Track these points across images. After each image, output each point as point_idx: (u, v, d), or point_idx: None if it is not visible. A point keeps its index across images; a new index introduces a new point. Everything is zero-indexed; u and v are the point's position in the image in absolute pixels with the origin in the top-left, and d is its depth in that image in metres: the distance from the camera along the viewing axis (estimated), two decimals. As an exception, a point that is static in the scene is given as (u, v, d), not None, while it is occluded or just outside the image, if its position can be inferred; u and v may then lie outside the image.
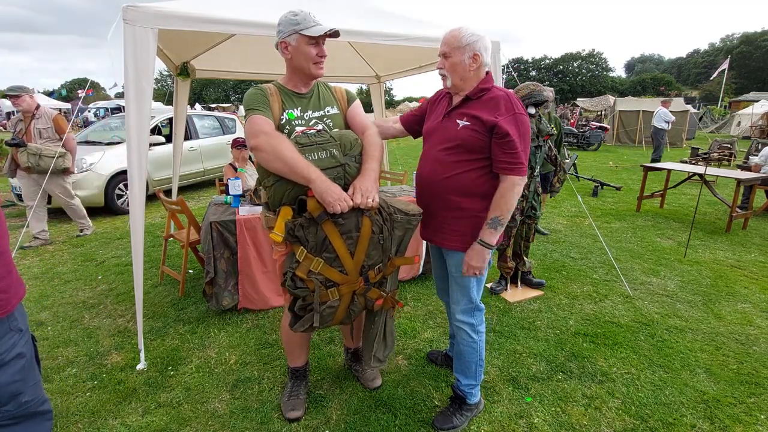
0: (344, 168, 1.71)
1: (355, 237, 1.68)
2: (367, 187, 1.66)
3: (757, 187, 5.39)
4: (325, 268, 1.68)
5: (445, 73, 1.79)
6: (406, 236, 1.85)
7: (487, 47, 1.76)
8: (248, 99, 1.77)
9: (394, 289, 1.94)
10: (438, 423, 1.96)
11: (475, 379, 1.99)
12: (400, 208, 1.80)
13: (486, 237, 1.73)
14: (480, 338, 1.95)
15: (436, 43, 3.08)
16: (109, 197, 5.90)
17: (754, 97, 26.50)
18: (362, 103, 2.03)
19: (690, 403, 2.12)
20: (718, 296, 3.31)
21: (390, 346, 2.03)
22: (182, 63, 4.07)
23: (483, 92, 1.76)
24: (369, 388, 2.21)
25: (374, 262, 1.77)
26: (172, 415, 2.04)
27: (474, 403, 2.02)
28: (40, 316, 3.03)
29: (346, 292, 1.75)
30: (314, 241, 1.66)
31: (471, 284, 1.88)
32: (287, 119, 1.78)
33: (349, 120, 1.95)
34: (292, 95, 1.84)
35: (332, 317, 1.79)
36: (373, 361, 1.97)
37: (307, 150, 1.65)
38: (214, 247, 2.85)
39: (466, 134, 1.73)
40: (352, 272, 1.73)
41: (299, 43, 1.74)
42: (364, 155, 1.77)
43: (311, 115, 1.84)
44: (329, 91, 1.96)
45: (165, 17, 2.18)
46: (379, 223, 1.72)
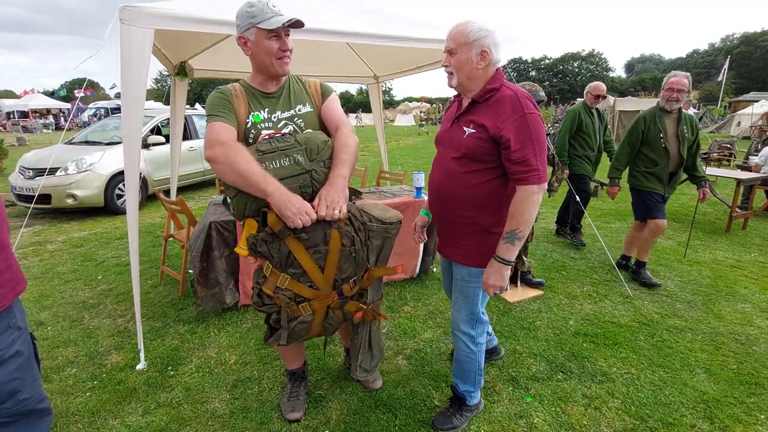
0: (311, 175, 1.57)
1: (323, 251, 1.57)
2: (333, 197, 1.52)
3: (757, 187, 5.39)
4: (292, 283, 1.59)
5: (451, 70, 1.66)
6: (386, 245, 1.73)
7: (497, 43, 1.62)
8: (209, 104, 1.63)
9: (376, 300, 1.84)
10: (438, 423, 1.95)
11: (474, 386, 1.96)
12: (376, 216, 1.68)
13: (503, 253, 1.60)
14: (479, 349, 1.89)
15: (434, 44, 3.12)
16: (109, 197, 5.90)
17: (753, 97, 26.50)
18: (361, 103, 1.96)
19: (690, 403, 2.12)
20: (718, 296, 3.31)
21: (377, 356, 1.95)
22: (180, 62, 4.06)
23: (490, 93, 1.61)
24: (369, 389, 2.20)
25: (348, 275, 1.66)
26: (172, 415, 2.04)
27: (474, 404, 2.01)
28: (40, 316, 3.03)
29: (319, 307, 1.66)
30: (278, 257, 1.56)
31: (476, 297, 1.80)
32: (252, 122, 1.65)
33: (324, 117, 1.78)
34: (259, 95, 1.69)
35: (306, 332, 1.72)
36: (359, 371, 1.89)
37: (268, 158, 1.54)
38: (214, 247, 2.85)
39: (472, 143, 1.62)
40: (324, 287, 1.63)
41: (258, 38, 1.58)
42: (334, 159, 1.62)
43: (280, 116, 1.69)
44: (302, 87, 1.79)
45: (161, 17, 2.18)
46: (350, 234, 1.60)
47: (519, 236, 1.58)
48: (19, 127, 23.07)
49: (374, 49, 4.22)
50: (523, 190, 1.56)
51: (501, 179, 1.65)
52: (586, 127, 4.26)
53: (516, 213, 1.57)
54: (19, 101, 27.54)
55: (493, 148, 1.59)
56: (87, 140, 6.74)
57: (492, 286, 1.65)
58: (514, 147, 1.52)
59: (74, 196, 5.60)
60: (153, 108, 8.52)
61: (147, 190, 6.41)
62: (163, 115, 7.00)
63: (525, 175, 1.54)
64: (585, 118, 4.27)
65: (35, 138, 19.27)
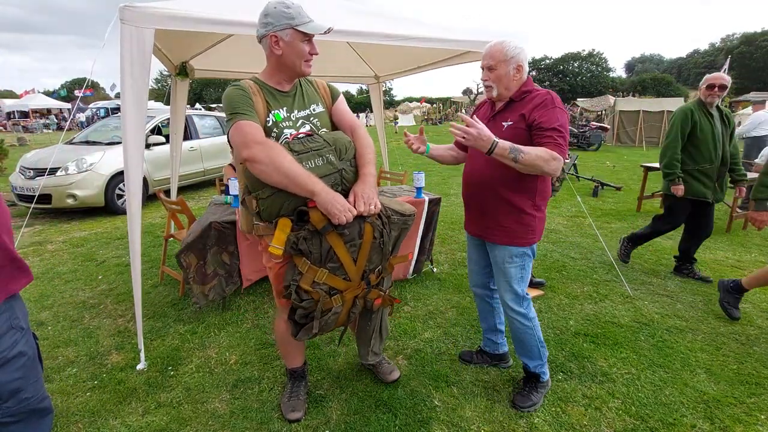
0: (341, 174, 1.66)
1: (358, 244, 1.67)
2: (368, 194, 1.64)
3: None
4: (329, 277, 1.67)
5: (490, 84, 1.90)
6: (401, 236, 1.87)
7: (526, 57, 1.89)
8: (230, 100, 1.60)
9: (388, 287, 1.97)
10: (519, 403, 2.07)
11: (541, 358, 2.10)
12: (395, 209, 1.81)
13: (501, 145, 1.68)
14: (534, 323, 2.05)
15: (435, 43, 3.12)
16: (109, 197, 5.91)
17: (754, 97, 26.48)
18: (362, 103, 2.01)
19: (690, 403, 2.11)
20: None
21: (384, 339, 2.12)
22: (181, 63, 4.06)
23: (526, 94, 1.87)
24: (387, 381, 2.22)
25: (375, 265, 1.77)
26: (172, 415, 2.04)
27: (546, 379, 2.15)
28: (41, 316, 3.03)
29: (349, 298, 1.76)
30: (318, 253, 1.62)
31: (516, 276, 1.98)
32: (274, 121, 1.65)
33: (336, 119, 1.83)
34: (276, 93, 1.70)
35: (335, 322, 1.81)
36: (370, 355, 2.02)
37: (303, 158, 1.58)
38: (215, 244, 2.86)
39: (511, 134, 1.81)
40: (355, 278, 1.73)
41: (293, 39, 1.61)
42: (360, 159, 1.73)
43: (297, 114, 1.72)
44: (312, 87, 1.83)
45: (162, 17, 2.17)
46: (379, 227, 1.71)
47: (519, 158, 1.69)
48: (20, 127, 23.08)
49: (375, 48, 4.22)
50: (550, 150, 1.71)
51: None
52: (702, 131, 3.25)
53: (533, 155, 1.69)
54: (20, 101, 27.58)
55: (529, 136, 1.80)
56: (87, 140, 6.75)
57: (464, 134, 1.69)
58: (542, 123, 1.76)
59: (74, 196, 5.60)
60: (153, 108, 8.52)
61: (147, 190, 6.42)
62: (163, 115, 7.01)
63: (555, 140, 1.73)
64: (701, 119, 3.26)
65: (36, 138, 19.28)
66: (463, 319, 2.96)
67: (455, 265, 3.96)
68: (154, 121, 6.92)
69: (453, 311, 3.07)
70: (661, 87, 49.94)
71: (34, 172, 5.70)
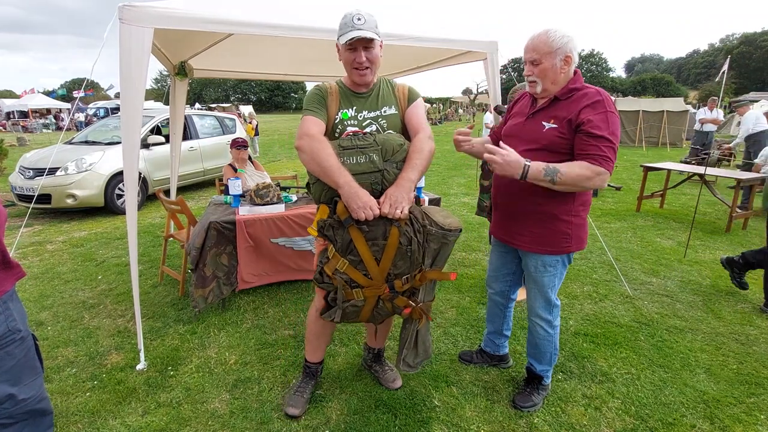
0: (383, 174, 1.68)
1: (381, 245, 1.67)
2: (397, 197, 1.62)
3: (758, 187, 5.38)
4: (350, 269, 1.71)
5: (535, 79, 1.72)
6: (443, 250, 1.78)
7: (576, 46, 1.69)
8: (306, 98, 1.81)
9: (428, 301, 1.89)
10: (520, 402, 2.06)
11: (550, 365, 2.09)
12: (437, 221, 1.74)
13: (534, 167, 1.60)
14: (555, 332, 2.01)
15: (435, 43, 3.12)
16: (109, 197, 5.90)
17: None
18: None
19: (690, 403, 2.11)
20: (718, 296, 3.31)
21: (422, 354, 1.99)
22: (180, 62, 4.06)
23: (573, 92, 1.70)
24: (390, 389, 2.21)
25: (401, 272, 1.74)
26: (172, 415, 2.04)
27: (548, 383, 2.15)
28: (40, 316, 3.03)
29: (370, 295, 1.76)
30: (341, 243, 1.68)
31: (550, 284, 1.90)
32: (340, 119, 1.79)
33: (406, 120, 1.88)
34: (350, 94, 1.83)
35: (356, 315, 1.84)
36: (402, 364, 1.97)
37: (347, 153, 1.66)
38: (214, 245, 2.86)
39: (553, 137, 1.69)
40: (377, 278, 1.73)
41: (342, 49, 1.75)
42: (406, 162, 1.71)
43: (366, 115, 1.82)
44: (391, 90, 1.91)
45: (161, 17, 2.17)
46: (408, 234, 1.68)
47: (557, 180, 1.59)
48: (19, 127, 23.07)
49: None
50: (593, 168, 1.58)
51: None
52: None
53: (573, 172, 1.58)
54: (19, 101, 27.52)
55: (572, 141, 1.67)
56: (87, 140, 6.74)
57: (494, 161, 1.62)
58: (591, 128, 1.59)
59: (74, 196, 5.60)
60: (153, 108, 8.51)
61: (147, 190, 6.41)
62: (163, 115, 7.00)
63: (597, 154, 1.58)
64: None
65: (35, 138, 19.27)
66: (463, 319, 2.96)
67: (455, 265, 3.96)
68: (153, 121, 6.91)
69: (453, 311, 3.07)
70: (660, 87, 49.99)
71: (34, 172, 5.69)
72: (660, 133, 15.05)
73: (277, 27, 2.44)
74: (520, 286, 2.22)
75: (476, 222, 5.34)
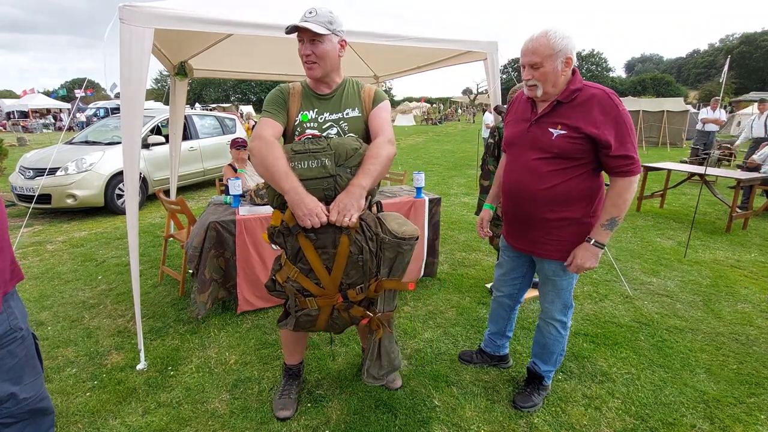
0: (335, 179, 1.61)
1: (331, 253, 1.62)
2: (346, 205, 1.54)
3: (758, 187, 5.38)
4: (300, 277, 1.67)
5: (535, 83, 1.67)
6: (399, 259, 1.73)
7: (575, 46, 1.65)
8: (266, 99, 1.78)
9: (387, 311, 1.84)
10: (520, 402, 2.06)
11: (555, 366, 2.09)
12: (391, 229, 1.69)
13: (601, 238, 1.69)
14: (567, 333, 2.01)
15: (435, 43, 3.12)
16: (109, 197, 5.90)
17: (754, 97, 26.49)
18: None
19: (690, 403, 2.12)
20: (718, 296, 3.31)
21: (387, 366, 1.91)
22: (180, 62, 4.06)
23: (575, 94, 1.64)
24: (389, 389, 2.20)
25: (354, 281, 1.69)
26: (172, 415, 2.04)
27: (549, 384, 2.14)
28: (40, 316, 3.03)
29: (323, 305, 1.72)
30: (291, 250, 1.66)
31: (569, 287, 1.91)
32: (300, 121, 1.75)
33: (369, 123, 1.81)
34: (312, 96, 1.78)
35: (312, 324, 1.79)
36: (367, 376, 1.90)
37: (298, 158, 1.60)
38: (214, 246, 2.84)
39: (564, 144, 1.65)
40: (329, 287, 1.68)
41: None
42: (359, 168, 1.63)
43: (327, 117, 1.76)
44: (356, 92, 1.83)
45: (161, 17, 2.17)
46: (359, 243, 1.62)
47: (618, 223, 1.68)
48: (20, 127, 23.06)
49: (374, 49, 4.22)
50: (624, 181, 1.64)
51: (592, 172, 1.72)
52: None
53: (619, 202, 1.65)
54: (19, 101, 27.49)
55: (587, 146, 1.65)
56: (87, 140, 6.74)
57: (589, 268, 1.74)
58: (615, 145, 1.60)
59: (74, 196, 5.60)
60: (153, 108, 8.51)
61: (147, 190, 6.41)
62: (163, 115, 7.00)
63: (628, 167, 1.63)
64: None
65: (35, 138, 19.27)
66: (463, 319, 2.96)
67: (455, 265, 3.96)
68: (153, 121, 6.91)
69: (453, 311, 3.07)
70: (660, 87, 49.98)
71: (34, 172, 5.69)
72: (660, 133, 15.06)
73: (277, 27, 2.44)
74: (529, 288, 2.21)
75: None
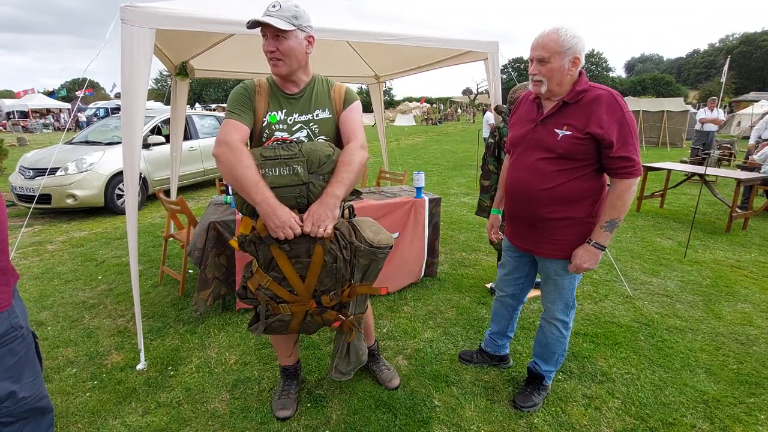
0: (308, 187, 1.56)
1: (305, 262, 1.59)
2: (320, 215, 1.51)
3: (758, 187, 5.38)
4: (273, 285, 1.64)
5: (541, 78, 1.67)
6: (373, 265, 1.73)
7: (584, 48, 1.66)
8: (230, 98, 1.64)
9: (358, 313, 1.85)
10: (520, 402, 2.06)
11: (555, 366, 2.08)
12: (366, 237, 1.67)
13: (601, 239, 1.71)
14: (568, 333, 2.01)
15: (435, 43, 3.12)
16: (109, 197, 5.90)
17: (754, 97, 26.50)
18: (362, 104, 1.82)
19: (690, 403, 2.12)
20: (718, 296, 3.31)
21: (354, 362, 1.97)
22: (181, 63, 4.06)
23: (581, 95, 1.65)
24: (387, 388, 2.20)
25: (328, 288, 1.67)
26: (172, 415, 2.04)
27: (549, 384, 2.14)
28: (40, 316, 3.03)
29: (297, 311, 1.70)
30: (263, 259, 1.62)
31: (571, 287, 1.91)
32: (268, 122, 1.64)
33: (340, 125, 1.72)
34: (280, 95, 1.67)
35: (285, 328, 1.77)
36: (335, 372, 1.94)
37: (269, 164, 1.53)
38: (215, 245, 2.85)
39: (569, 144, 1.66)
40: (303, 294, 1.66)
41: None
42: (332, 177, 1.57)
43: (297, 118, 1.66)
44: (326, 91, 1.73)
45: (163, 17, 2.18)
46: (334, 252, 1.60)
47: (617, 224, 1.70)
48: (20, 127, 23.06)
49: (375, 48, 4.23)
50: (626, 183, 1.66)
51: (595, 172, 1.73)
52: None
53: (618, 203, 1.67)
54: (19, 101, 27.49)
55: (591, 147, 1.66)
56: (87, 140, 6.74)
57: (588, 269, 1.76)
58: (617, 146, 1.62)
59: (74, 196, 5.60)
60: (153, 108, 8.52)
61: (147, 190, 6.42)
62: (163, 115, 7.00)
63: (629, 169, 1.65)
64: None
65: (35, 138, 19.27)
66: (463, 319, 2.96)
67: (455, 265, 3.96)
68: (153, 121, 6.91)
69: (453, 311, 3.07)
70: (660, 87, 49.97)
71: (34, 172, 5.69)
72: (660, 133, 15.07)
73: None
74: (531, 288, 2.22)
75: (476, 222, 5.34)
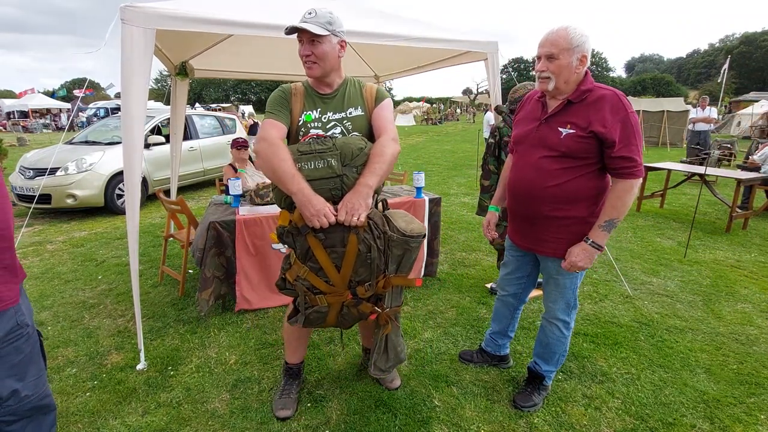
0: (342, 179, 1.63)
1: (340, 252, 1.64)
2: (354, 205, 1.57)
3: (757, 187, 5.38)
4: (311, 275, 1.69)
5: (548, 75, 1.68)
6: (407, 255, 1.76)
7: (590, 47, 1.69)
8: (269, 100, 1.78)
9: (395, 306, 1.87)
10: (520, 401, 2.06)
11: (556, 366, 2.08)
12: (399, 227, 1.71)
13: (598, 239, 1.72)
14: (569, 333, 2.00)
15: (435, 43, 3.12)
16: (109, 197, 5.91)
17: (754, 97, 26.49)
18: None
19: (690, 403, 2.12)
20: (718, 296, 3.31)
21: (393, 359, 1.96)
22: (180, 63, 4.06)
23: (586, 94, 1.68)
24: (389, 388, 2.21)
25: (363, 278, 1.71)
26: (172, 415, 2.04)
27: (549, 384, 2.14)
28: (40, 316, 3.03)
29: (333, 302, 1.74)
30: (300, 250, 1.67)
31: (572, 286, 1.90)
32: (303, 121, 1.76)
33: (372, 121, 1.82)
34: (315, 96, 1.79)
35: (322, 320, 1.81)
36: (374, 368, 1.94)
37: (304, 158, 1.62)
38: (215, 245, 2.85)
39: (572, 143, 1.67)
40: (339, 284, 1.71)
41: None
42: (365, 167, 1.65)
43: (331, 116, 1.77)
44: (358, 91, 1.85)
45: (163, 17, 2.18)
46: (368, 242, 1.64)
47: (615, 224, 1.70)
48: (20, 127, 23.05)
49: (375, 49, 4.22)
50: (627, 183, 1.67)
51: (598, 172, 1.74)
52: None
53: (618, 204, 1.68)
54: (19, 101, 27.46)
55: (594, 146, 1.67)
56: (87, 140, 6.74)
57: (581, 267, 1.76)
58: (619, 145, 1.63)
59: (74, 196, 5.60)
60: (153, 108, 8.52)
61: (147, 190, 6.42)
62: (163, 115, 7.00)
63: (630, 169, 1.65)
64: None
65: (35, 138, 19.27)
66: (463, 319, 2.96)
67: (455, 265, 3.96)
68: (153, 121, 6.91)
69: (453, 311, 3.07)
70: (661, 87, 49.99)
71: (34, 172, 5.70)
72: (660, 133, 15.06)
73: (277, 27, 2.44)
74: (533, 288, 2.22)
75: (476, 222, 5.34)
